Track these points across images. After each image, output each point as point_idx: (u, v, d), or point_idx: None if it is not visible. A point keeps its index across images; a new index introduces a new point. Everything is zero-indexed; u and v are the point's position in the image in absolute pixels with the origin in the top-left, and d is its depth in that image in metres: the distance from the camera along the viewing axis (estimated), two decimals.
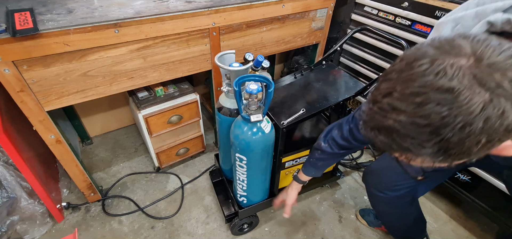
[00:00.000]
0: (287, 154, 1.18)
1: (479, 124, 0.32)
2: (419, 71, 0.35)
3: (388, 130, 0.38)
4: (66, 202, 1.34)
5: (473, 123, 0.32)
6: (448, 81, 0.33)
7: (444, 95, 0.33)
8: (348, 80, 1.27)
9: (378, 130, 0.40)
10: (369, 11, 1.49)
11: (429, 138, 0.35)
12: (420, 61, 0.35)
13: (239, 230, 1.30)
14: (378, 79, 0.42)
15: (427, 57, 0.35)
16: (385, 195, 1.02)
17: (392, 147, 0.40)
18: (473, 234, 1.35)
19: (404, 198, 1.01)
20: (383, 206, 1.09)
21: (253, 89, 0.87)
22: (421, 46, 0.38)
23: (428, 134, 0.35)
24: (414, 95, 0.35)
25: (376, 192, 1.04)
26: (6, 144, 0.97)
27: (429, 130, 0.35)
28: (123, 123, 1.90)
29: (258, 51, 1.42)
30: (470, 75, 0.32)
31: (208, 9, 1.14)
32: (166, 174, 1.60)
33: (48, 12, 0.99)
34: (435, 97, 0.33)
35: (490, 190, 1.19)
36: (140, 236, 1.30)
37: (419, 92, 0.34)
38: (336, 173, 1.48)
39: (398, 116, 0.36)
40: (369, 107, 0.41)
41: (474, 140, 0.34)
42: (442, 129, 0.34)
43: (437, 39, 0.37)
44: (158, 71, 1.18)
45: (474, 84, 0.32)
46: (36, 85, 0.95)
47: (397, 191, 0.99)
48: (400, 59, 0.39)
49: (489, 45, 0.34)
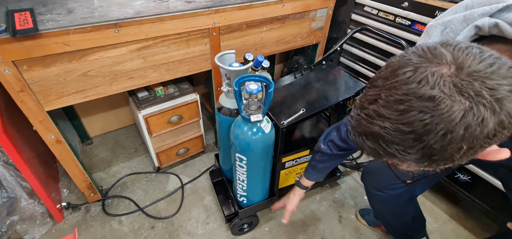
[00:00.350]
0: (287, 154, 1.18)
1: (460, 131, 0.33)
2: (403, 79, 0.36)
3: (375, 136, 0.39)
4: (66, 202, 1.34)
5: (454, 130, 0.33)
6: (430, 89, 0.33)
7: (426, 103, 0.34)
8: (348, 80, 1.28)
9: (365, 135, 0.41)
10: (369, 11, 1.49)
11: (413, 144, 0.36)
12: (404, 69, 0.36)
13: (239, 230, 1.31)
14: (366, 86, 0.42)
15: (411, 65, 0.36)
16: (383, 194, 1.02)
17: (379, 153, 0.40)
18: (473, 234, 1.35)
19: (402, 196, 1.01)
20: (381, 205, 1.09)
21: (253, 89, 0.87)
22: (406, 54, 0.39)
23: (411, 140, 0.36)
24: (398, 103, 0.36)
25: (374, 191, 1.05)
26: (6, 144, 0.97)
27: (412, 136, 0.35)
28: (123, 123, 1.90)
29: (258, 51, 1.42)
30: (451, 83, 0.33)
31: (208, 9, 1.14)
32: (166, 174, 1.60)
33: (48, 12, 0.99)
34: (418, 105, 0.34)
35: (490, 189, 1.19)
36: (140, 236, 1.30)
37: (402, 100, 0.35)
38: (336, 173, 1.48)
39: (384, 123, 0.37)
40: (357, 114, 0.42)
41: (455, 147, 0.35)
42: (425, 136, 0.35)
43: (420, 47, 0.38)
44: (158, 71, 1.18)
45: (454, 92, 0.33)
46: (36, 85, 0.95)
47: (395, 189, 0.99)
48: (386, 66, 0.40)
49: (469, 53, 0.34)
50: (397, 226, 1.16)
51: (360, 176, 1.19)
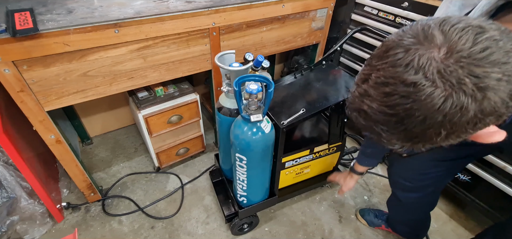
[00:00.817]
0: (287, 154, 1.18)
1: (439, 117, 0.34)
2: (393, 60, 0.36)
3: (365, 114, 0.40)
4: (66, 202, 1.34)
5: (433, 117, 0.34)
6: (414, 74, 0.34)
7: (408, 88, 0.34)
8: (348, 80, 1.27)
9: (358, 112, 0.42)
10: (369, 11, 1.49)
11: (395, 126, 0.37)
12: (396, 50, 0.36)
13: (239, 230, 1.30)
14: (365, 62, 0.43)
15: (402, 46, 0.36)
16: (410, 184, 1.00)
17: (369, 129, 0.41)
18: (473, 234, 1.35)
19: (429, 187, 0.99)
20: (405, 193, 1.05)
21: (253, 89, 0.87)
22: (402, 32, 0.38)
23: (394, 123, 0.37)
24: (384, 85, 0.36)
25: (402, 181, 1.02)
26: (6, 144, 0.97)
27: (394, 119, 0.37)
28: (123, 123, 1.90)
29: (258, 51, 1.42)
30: (435, 69, 0.33)
31: (208, 9, 1.14)
32: (166, 174, 1.60)
33: (48, 12, 0.99)
34: (401, 90, 0.35)
35: (490, 189, 1.19)
36: (140, 236, 1.30)
37: (388, 83, 0.36)
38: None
39: (371, 103, 0.38)
40: (353, 91, 0.43)
41: (435, 131, 0.36)
42: (406, 119, 0.36)
43: (417, 26, 0.37)
44: (158, 71, 1.18)
45: (437, 79, 0.33)
46: (36, 85, 0.95)
47: (422, 180, 0.97)
48: (383, 43, 0.40)
49: (463, 36, 0.33)
50: (410, 220, 1.15)
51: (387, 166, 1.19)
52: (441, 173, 0.93)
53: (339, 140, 1.27)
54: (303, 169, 1.33)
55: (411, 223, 1.17)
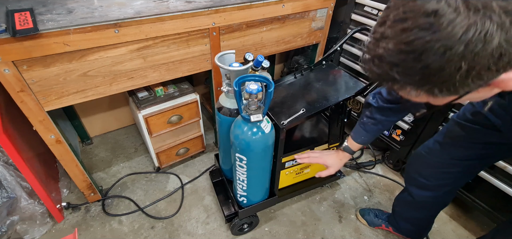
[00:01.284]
0: (287, 154, 1.18)
1: (460, 48, 0.31)
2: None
3: (379, 59, 0.38)
4: (66, 202, 1.34)
5: (454, 47, 0.32)
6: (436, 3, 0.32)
7: (428, 19, 0.32)
8: (348, 80, 1.27)
9: (372, 60, 0.40)
10: (369, 11, 1.49)
11: (412, 65, 0.35)
12: None
13: (239, 230, 1.30)
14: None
15: None
16: (427, 182, 0.99)
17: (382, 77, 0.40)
18: (473, 234, 1.35)
19: (445, 187, 0.99)
20: (420, 191, 1.04)
21: (253, 89, 0.87)
22: None
23: (411, 61, 0.35)
24: (402, 21, 0.35)
25: (419, 178, 1.01)
26: (6, 144, 0.97)
27: (412, 56, 0.35)
28: (123, 123, 1.90)
29: (258, 51, 1.42)
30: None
31: (208, 9, 1.14)
32: (166, 174, 1.60)
33: (48, 12, 0.99)
34: (419, 22, 0.33)
35: (490, 190, 1.19)
36: (140, 236, 1.30)
37: (407, 18, 0.34)
38: (336, 172, 1.48)
39: (388, 44, 0.36)
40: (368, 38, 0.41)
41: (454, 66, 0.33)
42: (424, 55, 0.34)
43: None
44: (158, 71, 1.18)
45: (460, 5, 0.31)
46: (36, 85, 0.95)
47: (440, 179, 0.97)
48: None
49: None
50: (418, 218, 1.14)
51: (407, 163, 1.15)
52: (460, 173, 0.93)
53: (339, 140, 1.27)
54: (303, 169, 1.33)
55: (417, 221, 1.16)
